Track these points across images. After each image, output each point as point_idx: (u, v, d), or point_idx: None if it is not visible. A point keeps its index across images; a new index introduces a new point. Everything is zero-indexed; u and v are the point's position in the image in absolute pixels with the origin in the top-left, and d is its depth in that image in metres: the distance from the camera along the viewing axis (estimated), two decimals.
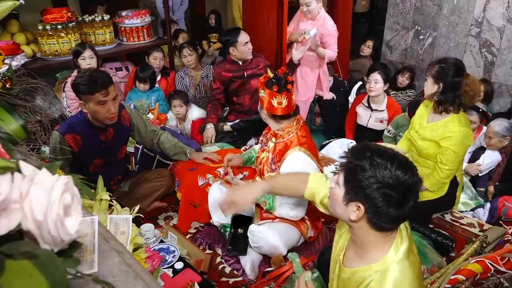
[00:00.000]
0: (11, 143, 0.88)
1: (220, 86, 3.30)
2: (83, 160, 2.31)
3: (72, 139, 2.22)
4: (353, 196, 1.18)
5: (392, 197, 1.11)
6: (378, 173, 1.12)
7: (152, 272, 1.38)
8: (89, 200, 1.37)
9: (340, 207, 1.23)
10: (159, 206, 2.72)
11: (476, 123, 3.07)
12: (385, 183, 1.11)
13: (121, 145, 2.48)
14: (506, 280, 1.79)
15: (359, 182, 1.15)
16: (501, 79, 3.79)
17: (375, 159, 1.14)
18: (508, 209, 2.50)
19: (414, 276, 1.19)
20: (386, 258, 1.20)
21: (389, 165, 1.12)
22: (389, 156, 1.15)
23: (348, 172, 1.19)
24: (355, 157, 1.19)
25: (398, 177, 1.11)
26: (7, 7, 0.96)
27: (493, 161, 2.94)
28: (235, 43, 3.11)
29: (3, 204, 0.46)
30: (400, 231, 1.25)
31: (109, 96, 2.14)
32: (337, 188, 1.23)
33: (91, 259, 0.65)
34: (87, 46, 3.02)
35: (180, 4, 5.22)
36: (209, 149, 3.08)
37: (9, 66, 1.08)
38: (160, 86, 3.81)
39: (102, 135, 2.31)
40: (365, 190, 1.14)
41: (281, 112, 2.09)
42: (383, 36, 4.66)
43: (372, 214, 1.16)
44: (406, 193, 1.13)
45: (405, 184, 1.12)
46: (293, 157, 2.09)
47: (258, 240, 2.13)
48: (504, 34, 3.67)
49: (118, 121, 2.34)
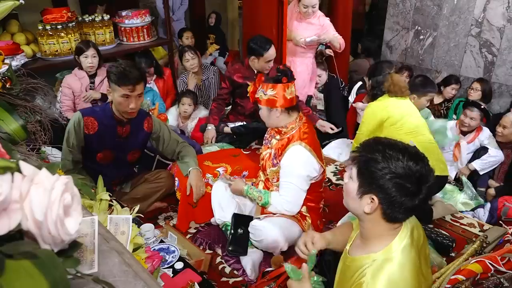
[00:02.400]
0: (11, 143, 0.88)
1: (229, 86, 3.28)
2: (93, 147, 2.31)
3: (90, 122, 2.25)
4: (367, 189, 1.21)
5: (405, 187, 1.15)
6: (390, 164, 1.15)
7: (152, 272, 1.38)
8: (89, 200, 1.37)
9: (354, 201, 1.26)
10: (159, 206, 2.72)
11: (476, 120, 3.04)
12: (398, 174, 1.14)
13: (134, 147, 2.45)
14: (506, 280, 1.79)
15: (372, 173, 1.18)
16: (501, 79, 3.79)
17: (387, 152, 1.18)
18: (508, 209, 2.50)
19: (411, 274, 1.19)
20: (386, 249, 1.22)
21: (401, 156, 1.16)
22: (400, 148, 1.19)
23: (361, 165, 1.22)
24: (367, 150, 1.22)
25: (411, 167, 1.15)
26: (7, 7, 0.96)
27: (496, 159, 2.93)
28: (260, 56, 3.01)
29: (3, 204, 0.46)
30: (405, 227, 1.27)
31: (134, 93, 2.16)
32: (351, 182, 1.26)
33: (91, 259, 0.65)
34: (91, 45, 3.03)
35: (180, 4, 5.21)
36: (209, 149, 3.09)
37: (9, 66, 1.08)
38: (157, 86, 3.81)
39: (119, 128, 2.32)
40: (379, 181, 1.17)
41: (295, 101, 2.16)
42: (383, 36, 4.66)
43: (387, 205, 1.19)
44: (419, 183, 1.16)
45: (418, 174, 1.15)
46: (293, 151, 2.12)
47: (260, 234, 2.14)
48: (504, 34, 3.67)
49: (139, 123, 2.37)
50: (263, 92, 2.12)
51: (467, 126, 3.05)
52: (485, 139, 3.04)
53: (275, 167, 2.22)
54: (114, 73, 2.15)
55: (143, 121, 2.40)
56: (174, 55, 4.24)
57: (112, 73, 2.15)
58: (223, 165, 2.68)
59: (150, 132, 2.46)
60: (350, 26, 4.29)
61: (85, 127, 2.23)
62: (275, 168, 2.22)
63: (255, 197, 2.23)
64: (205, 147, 3.13)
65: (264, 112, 2.18)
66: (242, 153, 2.90)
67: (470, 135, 3.11)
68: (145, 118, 2.42)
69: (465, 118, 3.05)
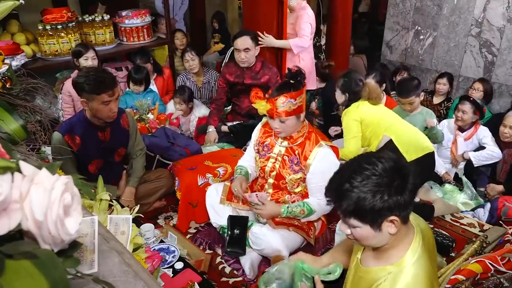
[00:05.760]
0: (11, 143, 0.88)
1: (225, 85, 3.30)
2: (83, 160, 2.31)
3: (71, 140, 2.23)
4: (381, 220, 1.14)
5: (398, 186, 1.12)
6: (374, 187, 1.10)
7: (152, 272, 1.38)
8: (89, 200, 1.37)
9: (376, 237, 1.19)
10: (159, 206, 2.72)
11: (468, 113, 3.03)
12: (384, 184, 1.11)
13: (119, 147, 2.48)
14: (506, 280, 1.79)
15: (373, 208, 1.11)
16: (501, 79, 3.79)
17: (359, 182, 1.12)
18: (508, 209, 2.50)
19: (426, 283, 1.18)
20: (402, 260, 1.20)
21: (371, 172, 1.12)
22: (363, 167, 1.14)
23: (355, 212, 1.15)
24: (343, 197, 1.15)
25: (386, 170, 1.12)
26: (7, 7, 0.96)
27: (493, 155, 2.93)
28: (234, 46, 3.10)
29: (3, 204, 0.46)
30: (417, 235, 1.25)
31: (113, 96, 2.16)
32: (360, 230, 1.18)
33: (91, 259, 0.65)
34: (90, 47, 3.02)
35: (180, 3, 5.21)
36: (209, 149, 3.09)
37: (9, 66, 1.08)
38: (157, 85, 3.80)
39: (101, 134, 2.33)
40: (383, 206, 1.11)
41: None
42: (383, 36, 4.66)
43: (402, 211, 1.15)
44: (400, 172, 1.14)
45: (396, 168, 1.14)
46: (324, 153, 2.08)
47: (261, 243, 2.12)
48: (504, 34, 3.67)
49: (117, 123, 2.36)
50: (293, 102, 1.97)
51: (460, 120, 3.07)
52: (483, 137, 3.03)
53: (298, 174, 2.14)
54: (88, 83, 2.09)
55: (119, 119, 2.39)
56: (174, 55, 4.24)
57: (85, 84, 2.10)
58: (223, 165, 2.68)
59: (128, 128, 2.48)
60: (350, 27, 4.29)
61: (69, 146, 2.21)
62: (298, 174, 2.14)
63: (297, 213, 2.11)
64: (205, 147, 3.13)
65: (292, 123, 2.04)
66: (242, 153, 2.90)
67: (468, 132, 3.11)
68: (121, 115, 2.40)
69: (458, 112, 3.08)
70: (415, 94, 3.07)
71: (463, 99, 3.13)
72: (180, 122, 3.57)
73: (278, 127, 2.06)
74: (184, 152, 2.98)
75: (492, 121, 3.35)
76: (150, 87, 3.59)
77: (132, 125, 2.52)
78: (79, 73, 2.28)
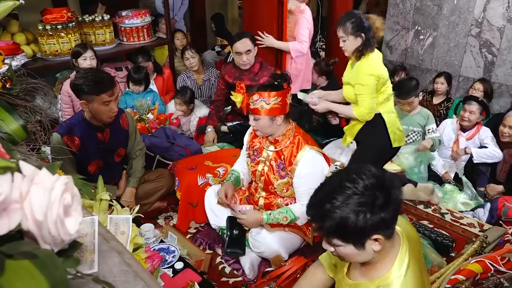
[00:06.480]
0: (11, 143, 0.88)
1: (224, 87, 3.29)
2: (82, 161, 2.31)
3: (70, 141, 2.23)
4: (363, 239, 1.12)
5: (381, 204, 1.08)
6: (356, 207, 1.06)
7: (152, 272, 1.38)
8: (89, 200, 1.37)
9: (360, 255, 1.17)
10: (159, 206, 2.72)
11: (475, 114, 3.04)
12: (367, 203, 1.07)
13: (119, 147, 2.47)
14: (506, 280, 1.79)
15: (355, 229, 1.08)
16: (501, 79, 3.79)
17: (340, 202, 1.08)
18: (508, 209, 2.50)
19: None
20: (389, 273, 1.19)
21: (352, 191, 1.08)
22: (343, 186, 1.10)
23: (338, 232, 1.12)
24: (324, 218, 1.11)
25: (367, 187, 1.08)
26: (7, 7, 0.96)
27: (494, 155, 2.93)
28: (234, 50, 3.07)
29: (3, 204, 0.46)
30: (403, 243, 1.23)
31: (113, 96, 2.16)
32: (343, 248, 1.16)
33: (91, 259, 0.65)
34: (88, 47, 3.02)
35: (181, 3, 5.21)
36: (209, 149, 3.10)
37: (9, 66, 1.08)
38: (157, 84, 3.80)
39: (100, 135, 2.32)
40: (367, 226, 1.08)
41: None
42: (383, 36, 4.66)
43: (385, 229, 1.12)
44: (385, 185, 1.10)
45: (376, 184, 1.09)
46: (308, 157, 2.03)
47: (260, 246, 2.13)
48: (504, 34, 3.67)
49: (116, 123, 2.36)
50: (265, 102, 1.96)
51: (467, 120, 3.07)
52: (485, 138, 3.04)
53: (285, 179, 2.13)
54: (87, 85, 2.09)
55: (119, 119, 2.40)
56: (174, 55, 4.24)
57: (84, 85, 2.09)
58: (223, 165, 2.69)
59: (128, 128, 2.48)
60: None
61: (69, 147, 2.20)
62: (285, 179, 2.13)
63: (279, 219, 2.09)
64: (205, 147, 3.14)
65: (264, 122, 2.01)
66: None
67: (470, 132, 3.11)
68: (120, 115, 2.40)
69: (465, 112, 3.08)
70: (415, 94, 3.08)
71: (469, 99, 3.12)
72: (181, 122, 3.57)
73: (253, 124, 2.07)
74: (184, 152, 2.98)
75: (492, 121, 3.35)
76: (150, 87, 3.59)
77: (132, 125, 2.52)
78: (77, 75, 2.27)
